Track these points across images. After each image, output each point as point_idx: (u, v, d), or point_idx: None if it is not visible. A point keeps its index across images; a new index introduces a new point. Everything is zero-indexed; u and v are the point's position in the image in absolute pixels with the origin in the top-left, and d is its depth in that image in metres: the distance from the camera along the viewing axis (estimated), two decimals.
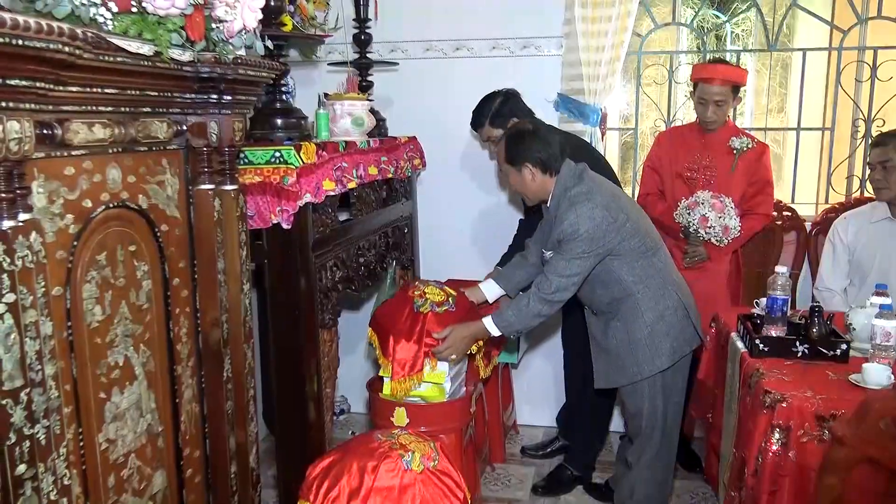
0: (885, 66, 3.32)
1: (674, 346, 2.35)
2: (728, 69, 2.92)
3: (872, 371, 1.97)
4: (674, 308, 2.36)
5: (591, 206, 2.26)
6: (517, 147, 2.36)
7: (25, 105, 1.14)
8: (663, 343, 2.34)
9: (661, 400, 2.39)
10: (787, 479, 1.90)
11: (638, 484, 2.46)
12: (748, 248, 3.24)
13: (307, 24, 2.57)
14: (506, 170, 2.43)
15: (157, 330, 1.59)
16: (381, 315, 2.58)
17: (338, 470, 1.98)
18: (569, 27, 3.26)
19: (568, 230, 2.25)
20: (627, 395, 2.44)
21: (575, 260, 2.26)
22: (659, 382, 2.37)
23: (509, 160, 2.38)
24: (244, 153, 2.09)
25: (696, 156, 2.99)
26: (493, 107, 2.89)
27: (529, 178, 2.36)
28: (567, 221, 2.26)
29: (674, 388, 2.42)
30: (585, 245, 2.25)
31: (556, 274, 2.28)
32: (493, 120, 2.89)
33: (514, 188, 2.49)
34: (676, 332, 2.36)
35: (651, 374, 2.34)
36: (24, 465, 1.16)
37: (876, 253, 2.79)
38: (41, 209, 1.24)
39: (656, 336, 2.33)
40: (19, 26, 1.02)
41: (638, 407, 2.41)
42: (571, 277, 2.28)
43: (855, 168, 3.47)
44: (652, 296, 2.33)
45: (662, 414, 2.40)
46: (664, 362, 2.34)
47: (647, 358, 2.34)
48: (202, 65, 1.54)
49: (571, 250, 2.26)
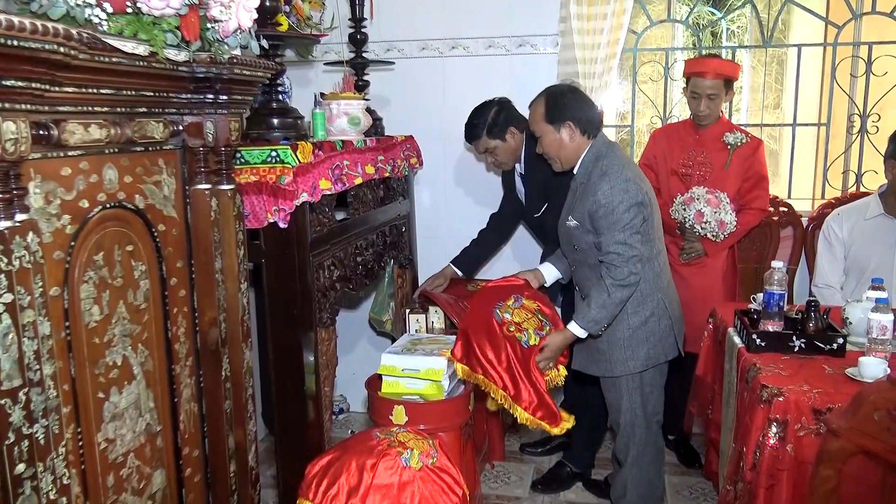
0: (880, 61, 3.33)
1: (650, 353, 2.37)
2: (720, 63, 2.93)
3: (869, 365, 1.98)
4: (658, 317, 2.37)
5: (623, 178, 2.24)
6: (561, 104, 2.31)
7: (21, 106, 1.15)
8: (640, 348, 2.35)
9: (640, 397, 2.40)
10: (785, 472, 1.91)
11: (630, 483, 2.48)
12: (745, 244, 3.25)
13: (303, 23, 2.58)
14: (542, 130, 2.35)
15: (155, 329, 1.59)
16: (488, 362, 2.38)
17: (337, 468, 1.99)
18: (564, 25, 3.26)
19: (602, 201, 2.22)
20: (606, 388, 2.47)
21: (622, 233, 2.21)
22: (637, 381, 2.39)
23: (550, 118, 2.32)
24: (241, 153, 2.09)
25: (690, 152, 3.00)
26: (489, 117, 2.88)
27: (567, 137, 2.32)
28: (601, 192, 2.22)
29: (653, 386, 2.43)
30: (626, 216, 2.21)
31: (616, 254, 2.22)
32: (490, 130, 2.88)
33: (547, 151, 2.39)
34: (656, 339, 2.37)
35: (622, 374, 2.37)
36: (23, 465, 1.17)
37: (873, 249, 2.78)
38: (38, 210, 1.24)
39: (635, 340, 2.35)
40: (14, 27, 1.03)
41: (616, 401, 2.43)
42: (630, 249, 2.22)
43: (851, 163, 3.48)
44: (641, 300, 2.34)
45: (642, 411, 2.41)
46: (637, 366, 2.36)
47: (622, 358, 2.36)
48: (198, 65, 1.55)
49: (613, 225, 2.22)
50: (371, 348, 3.75)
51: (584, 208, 2.29)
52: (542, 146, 2.40)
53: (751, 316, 2.40)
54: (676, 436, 3.24)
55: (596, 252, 2.31)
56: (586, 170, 2.33)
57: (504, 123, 2.88)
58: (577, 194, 2.35)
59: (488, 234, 3.26)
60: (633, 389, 2.39)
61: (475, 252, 3.25)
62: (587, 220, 2.29)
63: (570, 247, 2.43)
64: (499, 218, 3.26)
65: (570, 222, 2.36)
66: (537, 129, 2.37)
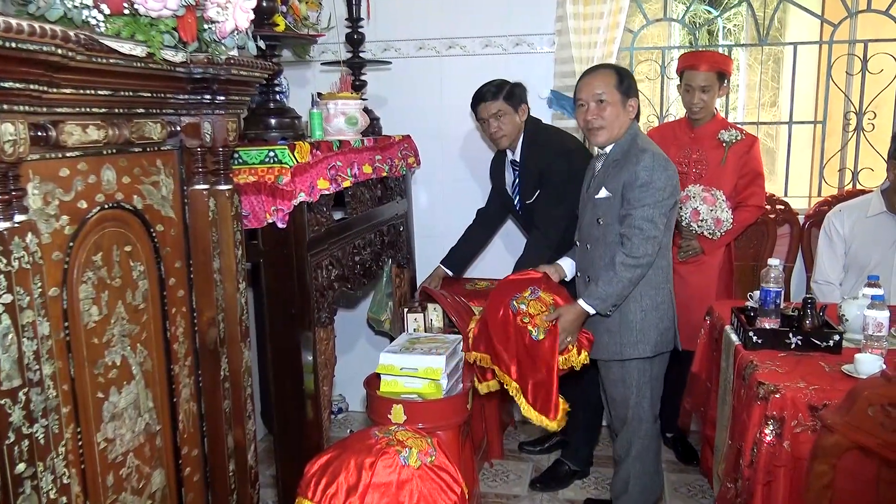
0: (876, 59, 3.34)
1: (658, 340, 2.38)
2: (712, 55, 2.96)
3: (865, 361, 1.99)
4: (667, 305, 2.41)
5: (664, 158, 2.29)
6: (630, 80, 2.39)
7: (20, 107, 1.15)
8: (651, 332, 2.36)
9: (649, 390, 2.41)
10: (782, 469, 1.92)
11: (632, 478, 2.48)
12: (742, 242, 3.26)
13: (300, 23, 2.59)
14: (613, 98, 2.34)
15: (154, 329, 1.60)
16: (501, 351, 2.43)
17: (336, 466, 1.99)
18: (561, 24, 3.27)
19: (642, 173, 2.24)
20: (613, 383, 2.45)
21: (652, 209, 2.23)
22: (648, 373, 2.40)
23: (623, 89, 2.36)
24: (238, 153, 2.10)
25: (686, 150, 3.01)
26: (510, 85, 2.96)
27: (628, 112, 2.36)
28: (642, 164, 2.24)
29: (659, 380, 2.46)
30: (661, 194, 2.24)
31: (638, 229, 2.24)
32: (508, 97, 2.93)
33: (604, 117, 2.34)
34: (664, 326, 2.39)
35: (632, 356, 2.37)
36: (23, 464, 1.17)
37: (874, 247, 2.78)
38: (36, 210, 1.25)
39: (647, 323, 2.36)
40: (13, 29, 1.03)
41: (624, 396, 2.43)
42: (654, 228, 2.24)
43: (847, 161, 3.49)
44: (655, 285, 2.36)
45: (649, 404, 2.43)
46: (647, 350, 2.36)
47: (633, 341, 2.36)
48: (195, 65, 1.55)
49: (647, 198, 2.24)
50: (369, 347, 3.75)
51: (621, 179, 2.29)
52: (600, 112, 2.34)
53: (747, 313, 2.41)
54: (674, 433, 3.25)
55: (618, 227, 2.31)
56: (622, 148, 2.35)
57: (520, 97, 2.96)
58: (611, 169, 2.35)
59: (476, 229, 3.27)
60: (643, 383, 2.40)
61: (464, 249, 3.27)
62: (621, 190, 2.30)
63: (592, 222, 2.41)
64: (486, 213, 3.28)
65: (602, 194, 2.36)
66: (609, 93, 2.34)
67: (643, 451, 2.46)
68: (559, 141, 2.98)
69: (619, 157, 2.34)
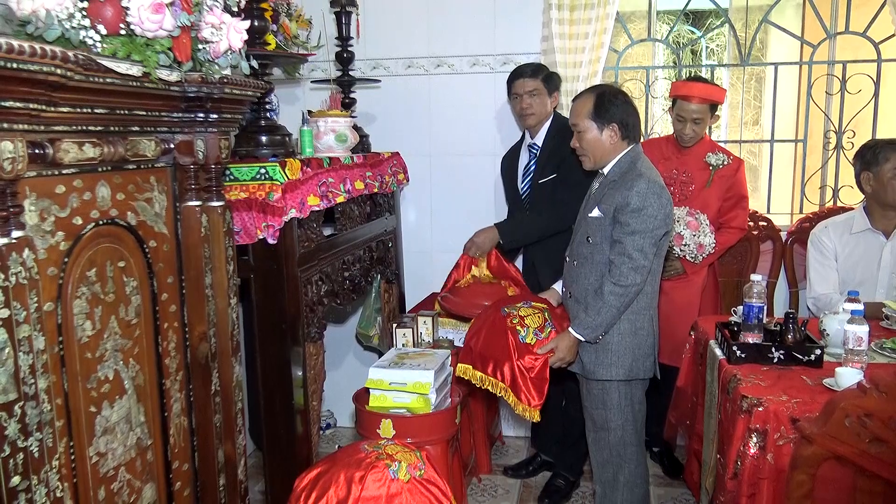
0: (854, 79, 3.42)
1: (632, 366, 2.34)
2: (707, 88, 2.94)
3: (845, 375, 2.02)
4: (646, 333, 2.36)
5: (660, 185, 2.26)
6: (610, 105, 2.32)
7: (18, 125, 1.18)
8: (626, 357, 2.33)
9: (631, 413, 2.37)
10: (766, 481, 1.94)
11: (622, 502, 2.43)
12: (726, 258, 3.30)
13: (290, 42, 2.62)
14: (585, 126, 2.34)
15: (146, 344, 1.61)
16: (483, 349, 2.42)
17: (325, 481, 2.01)
18: (547, 44, 3.33)
19: (635, 198, 2.21)
20: (595, 407, 2.41)
21: (643, 238, 2.21)
22: (627, 395, 2.36)
23: (596, 116, 2.32)
24: (230, 170, 2.12)
25: (672, 170, 3.05)
26: (549, 72, 3.07)
27: (608, 139, 2.32)
28: (636, 189, 2.21)
29: (642, 403, 2.42)
30: (652, 222, 2.22)
31: (627, 257, 2.22)
32: (546, 79, 3.02)
33: (584, 146, 2.37)
34: (640, 353, 2.35)
35: (602, 378, 2.34)
36: (17, 477, 1.19)
37: (859, 263, 2.82)
38: (33, 227, 1.27)
39: (623, 347, 2.32)
40: (14, 50, 1.06)
41: (604, 419, 2.39)
42: (643, 258, 2.22)
43: (828, 178, 3.56)
44: (636, 310, 2.33)
45: (633, 427, 2.38)
46: (619, 374, 2.33)
47: (606, 363, 2.33)
48: (189, 84, 1.58)
49: (637, 225, 2.21)
50: (358, 363, 3.77)
51: (614, 201, 2.27)
52: (578, 141, 2.38)
53: (731, 328, 2.45)
54: (661, 447, 3.27)
55: (607, 249, 2.30)
56: (620, 169, 2.33)
57: (556, 85, 3.08)
58: (606, 189, 2.33)
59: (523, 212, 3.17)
60: (624, 406, 2.36)
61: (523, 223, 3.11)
62: (612, 212, 2.27)
63: (582, 240, 2.40)
64: None
65: (594, 213, 2.34)
66: (580, 123, 2.35)
67: (631, 478, 2.41)
68: None
69: (616, 179, 2.32)
